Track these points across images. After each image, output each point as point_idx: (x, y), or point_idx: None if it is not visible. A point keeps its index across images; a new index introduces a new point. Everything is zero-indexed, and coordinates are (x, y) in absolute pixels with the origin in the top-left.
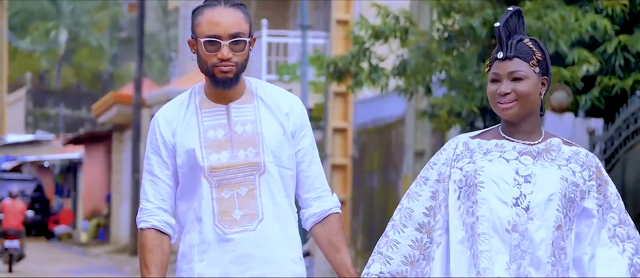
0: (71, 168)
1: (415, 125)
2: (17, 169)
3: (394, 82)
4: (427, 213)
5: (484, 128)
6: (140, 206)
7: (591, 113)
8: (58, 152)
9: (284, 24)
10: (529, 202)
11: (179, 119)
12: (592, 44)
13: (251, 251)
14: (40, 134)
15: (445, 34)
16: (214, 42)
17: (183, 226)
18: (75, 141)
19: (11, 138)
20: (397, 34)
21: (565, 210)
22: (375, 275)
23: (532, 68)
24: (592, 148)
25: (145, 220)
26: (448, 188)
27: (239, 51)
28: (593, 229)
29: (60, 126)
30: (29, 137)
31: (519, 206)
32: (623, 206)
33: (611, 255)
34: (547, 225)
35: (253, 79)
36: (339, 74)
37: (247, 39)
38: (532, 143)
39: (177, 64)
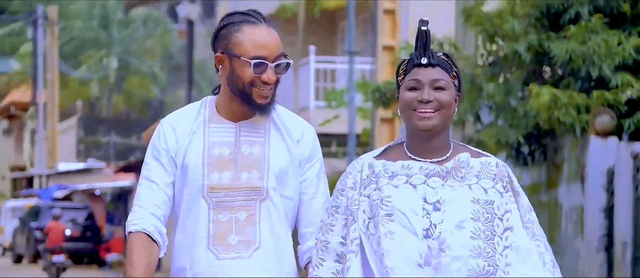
0: (122, 196)
1: None
2: (69, 197)
3: None
4: (343, 242)
5: (529, 154)
6: (132, 210)
7: (635, 136)
8: (109, 180)
9: (332, 50)
10: (440, 232)
11: (185, 129)
12: (635, 68)
13: None
14: (92, 163)
15: (490, 60)
16: (260, 64)
17: (175, 246)
18: (126, 168)
19: (63, 166)
20: None
21: (488, 232)
22: None
23: (453, 80)
24: (636, 172)
25: (135, 222)
26: (358, 215)
27: (280, 72)
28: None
29: (110, 154)
30: (80, 165)
31: (429, 237)
32: (535, 218)
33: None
34: (463, 255)
35: None
36: (384, 100)
37: (290, 61)
38: (439, 159)
39: None
